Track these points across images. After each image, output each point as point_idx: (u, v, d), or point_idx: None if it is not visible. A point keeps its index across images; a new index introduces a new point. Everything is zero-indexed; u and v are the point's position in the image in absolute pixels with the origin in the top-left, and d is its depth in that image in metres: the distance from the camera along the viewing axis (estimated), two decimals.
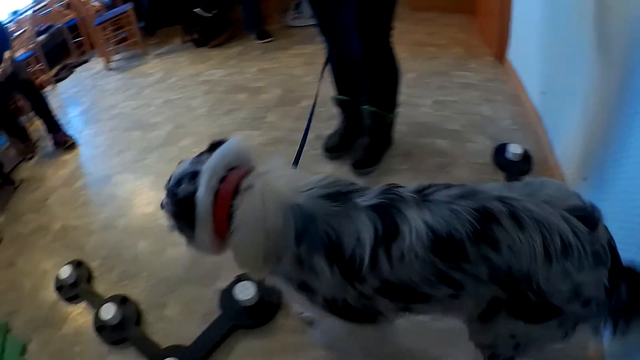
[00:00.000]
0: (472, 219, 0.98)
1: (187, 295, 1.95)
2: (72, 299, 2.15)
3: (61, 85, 5.26)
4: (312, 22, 4.30)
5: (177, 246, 2.09)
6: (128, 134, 3.30)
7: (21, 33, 5.28)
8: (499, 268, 0.99)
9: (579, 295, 0.99)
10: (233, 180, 1.12)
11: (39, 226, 2.82)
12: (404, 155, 2.40)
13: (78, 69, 5.48)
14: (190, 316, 1.87)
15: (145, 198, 2.61)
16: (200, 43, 4.35)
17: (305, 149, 1.76)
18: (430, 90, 2.89)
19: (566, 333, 1.09)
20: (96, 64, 5.25)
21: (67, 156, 3.52)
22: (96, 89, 4.50)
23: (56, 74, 5.52)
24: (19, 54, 5.12)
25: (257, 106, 3.11)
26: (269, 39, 4.21)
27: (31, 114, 4.39)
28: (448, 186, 1.08)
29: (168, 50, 4.63)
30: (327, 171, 2.37)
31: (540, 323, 1.06)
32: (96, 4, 5.17)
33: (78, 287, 2.18)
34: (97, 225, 2.58)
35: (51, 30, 5.89)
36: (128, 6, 4.71)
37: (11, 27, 5.50)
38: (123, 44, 5.11)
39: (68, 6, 5.23)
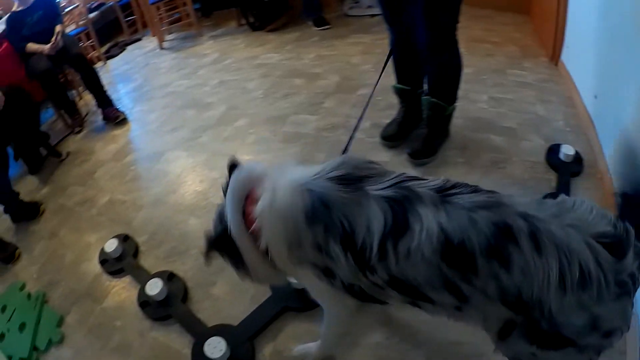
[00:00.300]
0: (489, 232, 0.93)
1: (236, 275, 1.86)
2: (116, 273, 2.13)
3: (112, 62, 5.30)
4: (369, 12, 4.33)
5: None
6: (182, 112, 3.26)
7: (72, 9, 5.34)
8: (508, 289, 0.94)
9: (597, 328, 0.92)
10: (254, 196, 1.15)
11: (84, 199, 2.82)
12: (460, 149, 2.32)
13: (130, 47, 5.51)
14: (238, 296, 1.81)
15: (198, 176, 2.57)
16: (256, 27, 4.29)
17: (362, 136, 1.73)
18: (486, 86, 2.80)
19: (590, 358, 1.01)
20: (149, 43, 5.27)
21: (118, 131, 3.51)
22: (149, 67, 4.50)
23: (107, 51, 5.57)
24: (70, 29, 5.20)
25: (314, 92, 3.03)
26: (327, 27, 4.14)
27: (81, 88, 4.43)
28: (475, 190, 1.02)
29: (223, 33, 4.58)
30: (383, 159, 2.30)
31: (556, 350, 0.99)
32: None
33: (123, 261, 2.16)
34: (146, 201, 2.55)
35: (103, 7, 5.96)
36: None
37: (62, 2, 5.59)
38: (177, 24, 5.11)
39: None
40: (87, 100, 4.04)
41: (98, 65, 5.30)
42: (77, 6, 5.22)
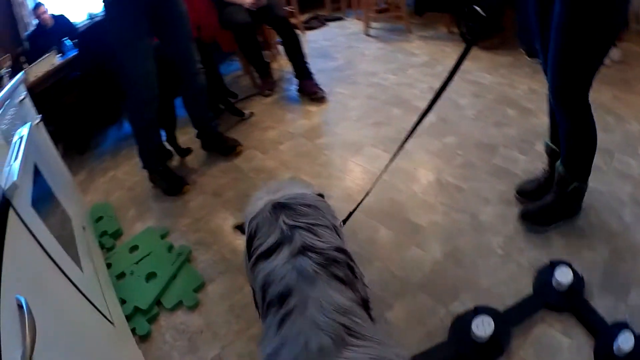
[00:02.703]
0: None
1: (417, 304, 1.81)
2: None
3: (310, 34, 5.48)
4: None
5: (423, 249, 2.05)
6: (388, 109, 3.27)
7: None
8: None
9: None
10: None
11: (262, 167, 2.88)
12: (590, 237, 1.98)
13: (331, 24, 5.68)
14: (414, 327, 1.73)
15: (398, 183, 2.50)
16: (467, 40, 4.23)
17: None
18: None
19: None
20: (351, 25, 5.38)
21: (313, 108, 3.57)
22: (352, 50, 4.57)
23: (306, 21, 5.79)
24: None
25: (526, 128, 2.87)
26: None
27: (276, 51, 4.48)
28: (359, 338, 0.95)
29: (432, 36, 4.54)
30: (489, 211, 2.20)
31: None
32: None
33: None
34: (335, 192, 2.53)
35: None
36: None
37: None
38: (385, 13, 5.19)
39: None
40: (281, 65, 4.15)
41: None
42: None
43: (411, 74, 3.73)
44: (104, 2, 2.54)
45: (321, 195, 1.56)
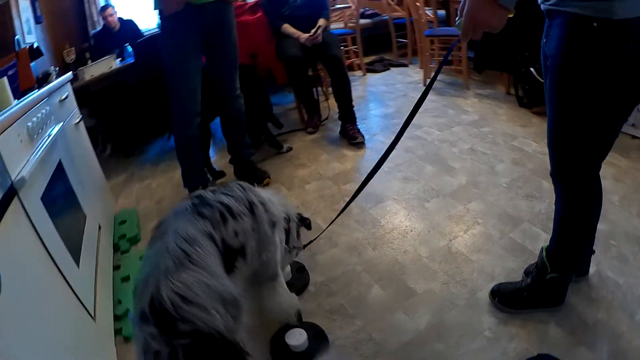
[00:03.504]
0: None
1: None
2: None
3: (371, 76, 5.51)
4: (631, 131, 3.59)
5: (410, 316, 1.96)
6: (421, 165, 3.22)
7: (344, 8, 5.58)
8: None
9: None
10: None
11: None
12: (591, 333, 1.78)
13: (394, 69, 5.70)
14: None
15: (406, 244, 2.44)
16: (523, 103, 4.07)
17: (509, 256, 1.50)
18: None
19: None
20: (414, 73, 5.36)
21: (349, 152, 3.58)
22: (406, 98, 4.56)
23: (370, 63, 5.83)
24: (336, 27, 5.43)
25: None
26: None
27: (329, 89, 4.47)
28: None
29: (489, 95, 4.45)
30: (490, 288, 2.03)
31: None
32: (430, 14, 5.17)
33: None
34: (343, 240, 2.53)
35: (376, 18, 6.13)
36: None
37: None
38: (448, 66, 5.14)
39: (400, 3, 5.38)
40: (331, 104, 4.15)
41: (356, 74, 5.59)
42: (349, 7, 5.49)
43: (456, 131, 3.66)
44: (159, 17, 2.70)
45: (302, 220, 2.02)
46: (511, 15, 1.26)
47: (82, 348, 1.65)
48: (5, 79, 2.12)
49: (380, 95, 4.84)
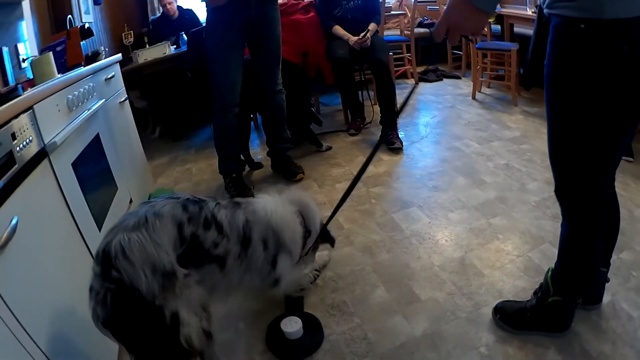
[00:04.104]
0: None
1: None
2: None
3: (423, 85, 5.43)
4: None
5: (408, 321, 1.92)
6: (454, 176, 3.15)
7: (400, 15, 5.49)
8: None
9: None
10: None
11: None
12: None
13: (446, 80, 5.59)
14: None
15: (421, 250, 2.39)
16: None
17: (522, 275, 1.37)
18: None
19: None
20: (465, 86, 5.24)
21: (386, 157, 3.55)
22: (452, 110, 4.46)
23: (424, 72, 5.75)
24: (390, 34, 5.36)
25: None
26: (630, 159, 3.13)
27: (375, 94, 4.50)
28: None
29: (536, 113, 4.27)
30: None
31: None
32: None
33: None
34: (360, 240, 2.51)
35: (433, 28, 6.07)
36: (513, 46, 4.39)
37: (392, 4, 5.77)
38: (498, 81, 5.00)
39: None
40: (377, 109, 4.08)
41: (408, 82, 5.53)
42: (406, 14, 5.40)
43: (495, 146, 3.54)
44: (207, 9, 2.77)
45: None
46: (492, 20, 1.19)
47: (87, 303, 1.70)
48: (50, 53, 2.23)
49: (428, 104, 4.77)
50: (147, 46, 4.73)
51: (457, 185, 3.03)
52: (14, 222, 1.22)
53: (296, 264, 1.91)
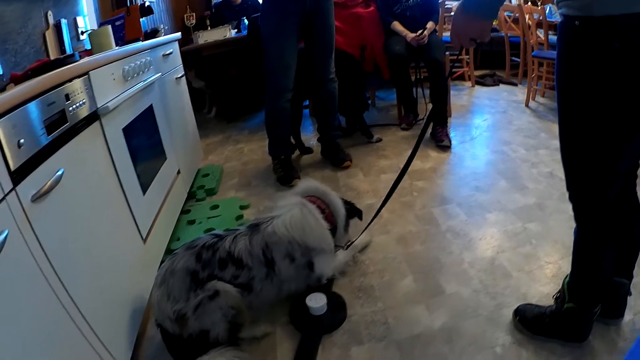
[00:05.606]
0: None
1: (382, 357, 1.69)
2: None
3: (479, 89, 5.27)
4: None
5: (430, 312, 1.88)
6: (496, 178, 3.03)
7: None
8: None
9: None
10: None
11: (355, 186, 2.95)
12: None
13: (503, 86, 5.38)
14: None
15: (453, 245, 2.33)
16: None
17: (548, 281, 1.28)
18: None
19: None
20: (520, 93, 5.01)
21: (433, 153, 3.47)
22: (504, 115, 4.28)
23: (482, 76, 5.56)
24: (446, 35, 5.15)
25: None
26: None
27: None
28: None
29: None
30: None
31: None
32: (541, 36, 4.76)
33: None
34: (394, 230, 2.49)
35: (494, 34, 5.69)
36: None
37: (453, 6, 5.52)
38: (553, 90, 4.74)
39: (516, 21, 5.03)
40: (429, 106, 4.03)
41: (465, 84, 5.36)
42: None
43: (541, 154, 3.37)
44: None
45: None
46: (496, 24, 1.16)
47: (124, 261, 1.76)
48: (109, 27, 2.29)
49: (482, 107, 4.61)
50: (209, 29, 4.77)
51: (499, 188, 2.91)
52: (59, 173, 1.28)
53: (332, 255, 1.95)
